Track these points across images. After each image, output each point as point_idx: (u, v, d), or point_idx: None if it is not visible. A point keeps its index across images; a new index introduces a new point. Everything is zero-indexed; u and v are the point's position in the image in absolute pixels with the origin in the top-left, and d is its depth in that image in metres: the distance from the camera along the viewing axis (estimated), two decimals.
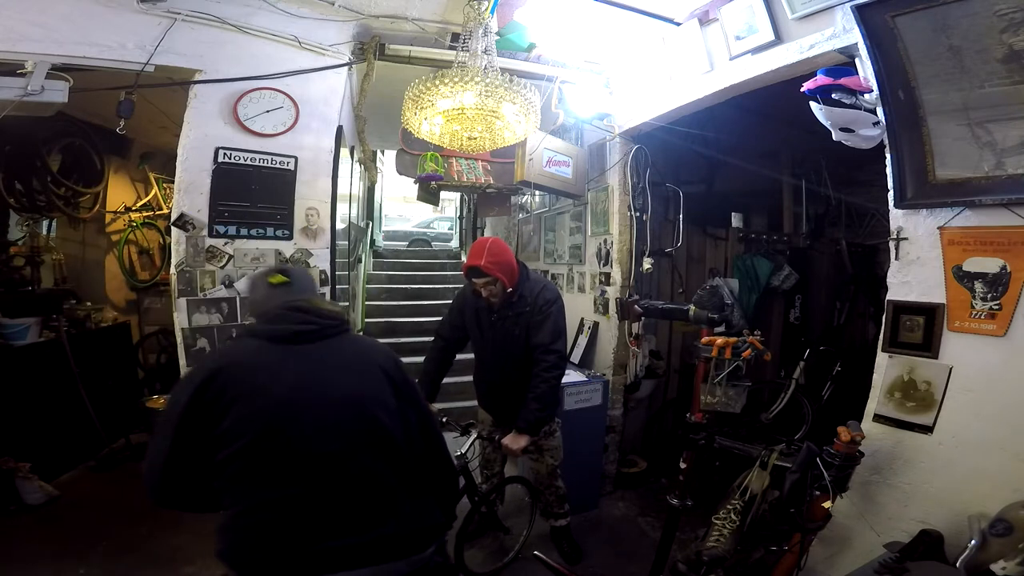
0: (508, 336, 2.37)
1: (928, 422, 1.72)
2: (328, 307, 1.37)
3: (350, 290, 3.54)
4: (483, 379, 2.58)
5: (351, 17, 2.63)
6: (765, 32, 2.16)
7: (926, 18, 1.57)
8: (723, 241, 4.03)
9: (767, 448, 1.91)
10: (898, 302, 1.83)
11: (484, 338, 2.44)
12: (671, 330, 3.83)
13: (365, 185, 5.32)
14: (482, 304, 2.39)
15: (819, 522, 1.77)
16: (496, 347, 2.41)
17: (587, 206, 3.69)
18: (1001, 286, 1.58)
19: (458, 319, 2.54)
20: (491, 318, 2.39)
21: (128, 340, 4.38)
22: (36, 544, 2.63)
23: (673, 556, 2.08)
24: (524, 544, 2.64)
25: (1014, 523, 1.37)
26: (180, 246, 2.32)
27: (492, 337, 2.41)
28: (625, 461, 3.58)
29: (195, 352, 2.30)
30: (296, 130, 2.50)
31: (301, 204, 2.52)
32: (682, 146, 3.55)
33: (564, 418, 3.01)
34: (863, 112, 1.78)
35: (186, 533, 2.75)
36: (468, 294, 2.48)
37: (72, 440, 3.49)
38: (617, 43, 2.95)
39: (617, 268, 3.33)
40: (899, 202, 1.80)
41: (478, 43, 2.22)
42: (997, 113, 1.54)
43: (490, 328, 2.41)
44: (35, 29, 2.10)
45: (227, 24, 2.37)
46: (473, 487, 2.35)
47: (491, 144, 2.42)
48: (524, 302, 2.35)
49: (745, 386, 2.04)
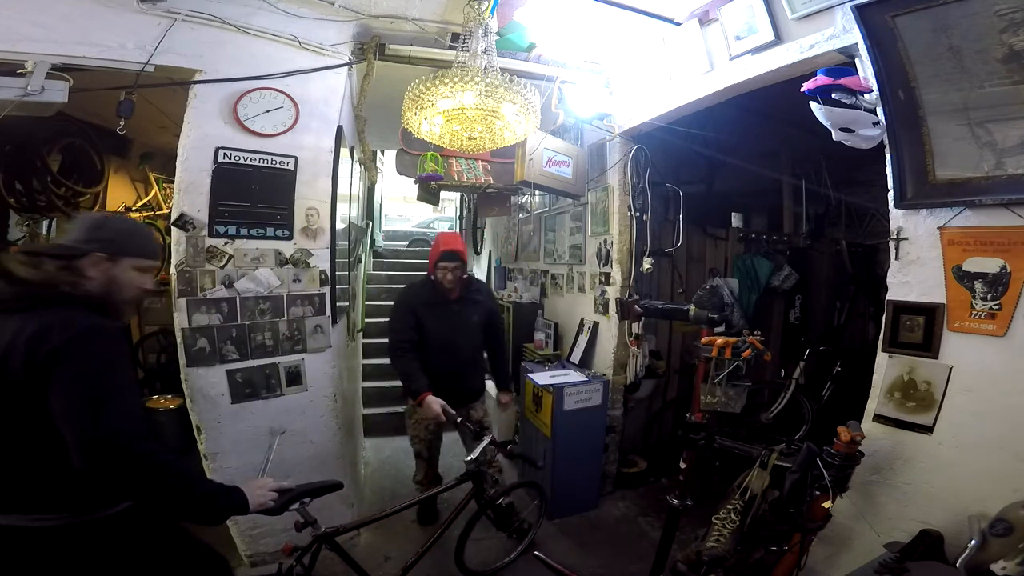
0: (468, 323, 2.79)
1: (928, 422, 1.72)
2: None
3: (350, 290, 3.54)
4: (442, 366, 2.70)
5: (351, 17, 2.63)
6: (765, 32, 2.16)
7: (926, 18, 1.57)
8: (723, 241, 4.03)
9: (767, 448, 1.91)
10: (898, 302, 1.83)
11: (444, 328, 2.73)
12: (671, 330, 3.83)
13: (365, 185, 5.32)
14: (435, 299, 2.74)
15: (819, 522, 1.77)
16: (459, 334, 2.75)
17: (587, 206, 3.69)
18: (1001, 286, 1.58)
19: (413, 320, 2.70)
20: (453, 308, 2.76)
21: (128, 340, 4.38)
22: None
23: (673, 556, 2.08)
24: (528, 546, 2.64)
25: (1014, 523, 1.37)
26: (180, 246, 2.32)
27: (454, 325, 2.74)
28: (625, 461, 3.58)
29: (195, 352, 2.30)
30: (296, 130, 2.50)
31: (301, 204, 2.52)
32: (682, 146, 3.55)
33: (564, 418, 3.03)
34: (863, 112, 1.78)
35: None
36: (410, 299, 2.76)
37: None
38: (617, 43, 2.95)
39: (617, 268, 3.33)
40: (899, 202, 1.80)
41: (478, 43, 2.22)
42: (997, 113, 1.54)
43: (452, 317, 2.75)
44: (35, 29, 2.10)
45: (227, 24, 2.37)
46: (482, 491, 2.36)
47: (491, 144, 2.42)
48: (479, 291, 2.86)
49: (745, 386, 2.04)
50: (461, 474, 2.35)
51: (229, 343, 2.37)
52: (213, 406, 2.35)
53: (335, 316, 2.70)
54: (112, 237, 1.38)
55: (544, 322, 4.35)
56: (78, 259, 1.33)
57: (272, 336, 2.46)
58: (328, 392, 2.61)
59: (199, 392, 2.33)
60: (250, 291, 2.42)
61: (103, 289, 1.34)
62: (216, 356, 2.34)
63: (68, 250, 1.34)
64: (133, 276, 1.41)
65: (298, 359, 2.53)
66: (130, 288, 1.41)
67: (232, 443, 2.40)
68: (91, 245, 1.34)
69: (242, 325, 2.40)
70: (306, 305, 2.54)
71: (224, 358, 2.36)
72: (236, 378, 2.38)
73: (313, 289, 2.56)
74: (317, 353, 2.58)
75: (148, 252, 1.47)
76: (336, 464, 2.65)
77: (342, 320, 3.05)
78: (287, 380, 2.50)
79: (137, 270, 1.42)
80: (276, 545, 2.55)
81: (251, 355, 2.42)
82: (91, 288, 1.32)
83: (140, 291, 1.44)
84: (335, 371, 2.65)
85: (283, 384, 2.49)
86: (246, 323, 2.41)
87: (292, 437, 2.52)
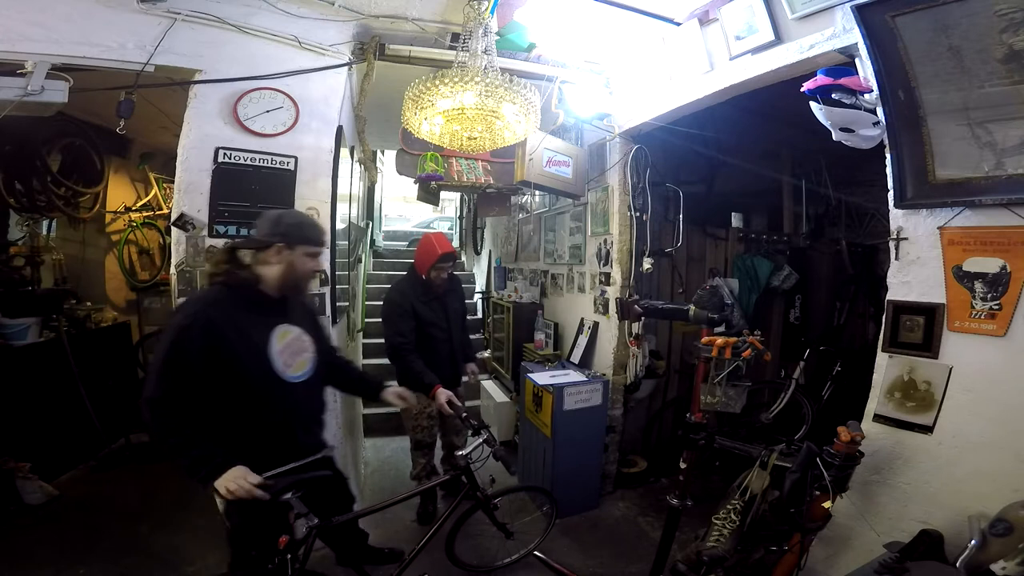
0: (455, 312, 3.08)
1: (928, 422, 1.72)
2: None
3: (350, 290, 3.54)
4: (441, 353, 2.95)
5: (351, 17, 2.63)
6: (765, 32, 2.16)
7: (926, 18, 1.57)
8: (723, 241, 4.03)
9: (767, 448, 1.91)
10: (898, 302, 1.83)
11: (439, 319, 2.97)
12: (671, 330, 3.83)
13: (365, 185, 5.32)
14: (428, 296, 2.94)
15: (819, 522, 1.77)
16: (450, 324, 3.02)
17: (587, 206, 3.69)
18: (1001, 286, 1.58)
19: (413, 322, 2.85)
20: (443, 302, 3.01)
21: (128, 340, 4.39)
22: (36, 544, 2.63)
23: (673, 556, 2.08)
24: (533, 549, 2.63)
25: (1014, 523, 1.37)
26: (180, 246, 2.32)
27: (446, 317, 3.01)
28: (625, 461, 3.58)
29: None
30: (296, 130, 2.50)
31: (301, 204, 2.52)
32: (682, 146, 3.54)
33: (564, 418, 3.03)
34: (863, 112, 1.78)
35: (186, 533, 2.76)
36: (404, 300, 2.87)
37: (72, 440, 3.49)
38: (617, 43, 2.95)
39: (617, 268, 3.33)
40: (899, 202, 1.80)
41: (478, 43, 2.22)
42: (997, 113, 1.54)
43: (443, 310, 3.00)
44: (35, 29, 2.10)
45: (227, 24, 2.37)
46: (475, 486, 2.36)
47: (491, 144, 2.42)
48: (455, 281, 3.16)
49: (745, 386, 2.04)
50: (455, 469, 2.35)
51: None
52: None
53: (335, 316, 2.70)
54: (286, 231, 1.67)
55: (544, 322, 4.35)
56: (264, 250, 1.66)
57: None
58: (328, 392, 2.60)
59: None
60: None
61: (284, 273, 1.68)
62: None
63: (257, 242, 1.68)
64: (305, 261, 1.72)
65: None
66: (303, 270, 1.73)
67: None
68: (274, 238, 1.65)
69: None
70: None
71: None
72: None
73: (313, 289, 2.56)
74: None
75: (315, 240, 1.76)
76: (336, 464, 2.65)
77: (342, 320, 3.05)
78: None
79: (308, 256, 1.72)
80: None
81: None
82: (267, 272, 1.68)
83: (311, 272, 1.77)
84: None
85: None
86: None
87: None
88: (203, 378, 1.53)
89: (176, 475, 3.38)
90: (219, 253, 1.72)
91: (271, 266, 1.67)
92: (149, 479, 3.40)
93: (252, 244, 1.70)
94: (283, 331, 1.73)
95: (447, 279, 2.98)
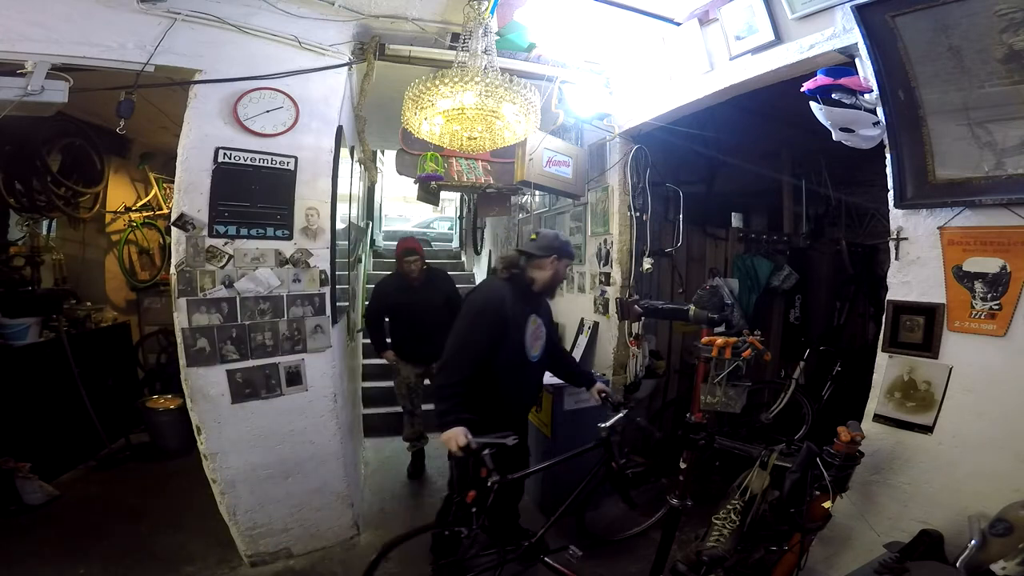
0: (429, 301, 3.49)
1: (928, 422, 1.72)
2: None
3: (350, 290, 3.54)
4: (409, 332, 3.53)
5: (351, 17, 2.63)
6: (765, 32, 2.16)
7: (926, 18, 1.57)
8: (723, 241, 4.03)
9: (767, 448, 1.91)
10: (898, 302, 1.83)
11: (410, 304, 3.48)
12: (671, 330, 3.83)
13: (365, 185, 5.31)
14: (403, 285, 3.51)
15: (819, 522, 1.77)
16: (421, 310, 3.45)
17: (587, 206, 3.69)
18: (1001, 286, 1.58)
19: (387, 301, 3.56)
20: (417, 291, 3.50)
21: (128, 340, 4.39)
22: (36, 544, 2.63)
23: (673, 556, 2.08)
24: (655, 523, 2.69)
25: (1014, 523, 1.37)
26: (180, 246, 2.32)
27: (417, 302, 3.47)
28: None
29: (195, 352, 2.30)
30: (296, 130, 2.50)
31: (301, 204, 2.52)
32: (682, 146, 3.54)
33: (564, 418, 3.02)
34: (863, 112, 1.78)
35: (186, 533, 2.76)
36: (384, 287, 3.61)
37: (72, 440, 3.49)
38: (617, 43, 2.95)
39: (617, 268, 3.33)
40: (899, 202, 1.80)
41: (478, 43, 2.22)
42: (997, 113, 1.54)
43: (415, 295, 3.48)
44: (35, 29, 2.09)
45: (227, 24, 2.37)
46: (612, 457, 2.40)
47: (491, 144, 2.42)
48: (441, 280, 3.66)
49: (745, 386, 2.04)
50: (594, 441, 2.38)
51: (229, 343, 2.37)
52: (213, 406, 2.35)
53: (335, 316, 2.70)
54: (560, 248, 2.30)
55: None
56: (541, 259, 2.26)
57: (272, 336, 2.46)
58: (328, 392, 2.61)
59: (199, 392, 2.33)
60: (250, 291, 2.42)
61: (551, 278, 2.30)
62: (216, 356, 2.34)
63: (541, 253, 2.26)
64: (565, 270, 2.38)
65: (298, 359, 2.53)
66: (562, 276, 2.38)
67: (232, 443, 2.40)
68: (551, 252, 2.26)
69: (242, 325, 2.40)
70: (306, 305, 2.54)
71: (224, 358, 2.36)
72: (236, 378, 2.38)
73: (313, 289, 2.56)
74: (317, 353, 2.58)
75: (571, 255, 2.41)
76: (336, 464, 2.65)
77: (342, 320, 3.05)
78: (287, 380, 2.50)
79: (566, 267, 2.36)
80: (276, 545, 2.56)
81: (251, 355, 2.42)
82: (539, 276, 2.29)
83: (563, 278, 2.41)
84: (335, 371, 2.65)
85: (283, 384, 2.49)
86: (246, 323, 2.40)
87: (292, 437, 2.52)
88: (487, 351, 2.08)
89: (176, 475, 3.42)
90: (510, 257, 2.31)
91: (544, 271, 2.26)
92: (149, 479, 3.40)
93: (537, 255, 2.25)
94: (534, 319, 2.28)
95: (421, 272, 3.50)
